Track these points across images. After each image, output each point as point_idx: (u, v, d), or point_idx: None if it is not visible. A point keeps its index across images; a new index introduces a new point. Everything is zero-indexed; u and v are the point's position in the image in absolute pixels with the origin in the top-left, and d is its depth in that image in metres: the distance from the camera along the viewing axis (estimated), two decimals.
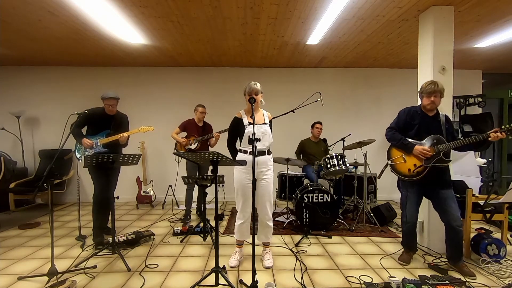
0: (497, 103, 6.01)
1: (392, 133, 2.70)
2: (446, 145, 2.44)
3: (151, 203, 4.92)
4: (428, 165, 2.48)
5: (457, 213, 2.47)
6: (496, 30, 3.56)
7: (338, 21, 3.25)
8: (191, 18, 3.20)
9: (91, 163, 2.67)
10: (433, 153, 2.47)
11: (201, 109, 4.04)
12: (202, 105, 4.10)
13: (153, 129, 3.35)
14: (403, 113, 2.71)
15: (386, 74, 5.42)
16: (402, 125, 2.68)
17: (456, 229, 2.45)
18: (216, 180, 2.25)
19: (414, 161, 2.56)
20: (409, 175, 2.58)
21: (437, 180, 2.53)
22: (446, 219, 2.50)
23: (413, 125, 2.62)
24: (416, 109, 2.67)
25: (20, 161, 5.05)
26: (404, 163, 2.61)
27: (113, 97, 3.18)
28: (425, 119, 2.59)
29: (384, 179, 5.30)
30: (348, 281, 2.40)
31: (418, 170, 2.53)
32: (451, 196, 2.51)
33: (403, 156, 2.62)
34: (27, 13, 3.04)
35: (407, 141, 2.59)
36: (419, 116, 2.62)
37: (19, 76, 5.20)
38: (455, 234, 2.48)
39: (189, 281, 2.38)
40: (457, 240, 2.50)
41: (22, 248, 3.11)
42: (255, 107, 2.44)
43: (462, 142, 2.38)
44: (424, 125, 2.58)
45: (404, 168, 2.61)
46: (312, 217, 3.49)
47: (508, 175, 5.73)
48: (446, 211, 2.49)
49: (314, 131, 4.65)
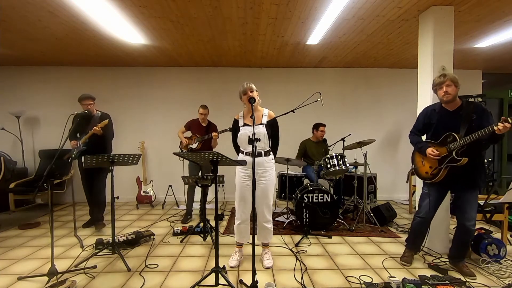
0: (497, 103, 6.02)
1: (411, 138, 2.67)
2: (457, 143, 2.30)
3: (151, 203, 4.92)
4: (442, 166, 2.42)
5: (473, 214, 2.42)
6: (496, 30, 3.56)
7: (338, 21, 3.25)
8: (191, 18, 3.20)
9: (91, 163, 2.68)
10: (445, 153, 2.38)
11: (201, 110, 4.03)
12: (203, 105, 4.07)
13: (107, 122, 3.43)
14: (421, 115, 2.65)
15: (386, 74, 5.42)
16: (421, 127, 2.62)
17: (468, 228, 2.42)
18: (216, 180, 2.25)
19: (430, 164, 2.52)
20: (427, 178, 2.55)
21: (462, 180, 2.41)
22: (460, 218, 2.47)
23: (432, 124, 2.53)
24: (434, 107, 2.56)
25: (20, 161, 5.05)
26: (422, 166, 2.59)
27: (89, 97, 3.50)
28: (443, 116, 2.46)
29: (384, 179, 5.36)
30: (348, 281, 2.40)
31: (434, 173, 2.47)
32: (472, 197, 2.43)
33: (422, 160, 2.59)
34: (27, 13, 3.04)
35: (421, 144, 2.55)
36: (436, 114, 2.50)
37: (19, 76, 5.20)
38: (465, 233, 2.47)
39: (189, 281, 2.38)
40: (466, 240, 2.50)
41: (22, 248, 3.11)
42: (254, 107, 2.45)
43: (471, 138, 2.21)
44: (441, 123, 2.46)
45: (422, 172, 2.59)
46: (312, 217, 3.49)
47: (508, 175, 5.73)
48: (462, 210, 2.44)
49: (318, 133, 4.60)
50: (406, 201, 5.12)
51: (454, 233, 2.56)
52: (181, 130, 4.18)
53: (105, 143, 3.59)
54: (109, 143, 3.68)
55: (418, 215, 2.65)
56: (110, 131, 3.65)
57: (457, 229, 2.53)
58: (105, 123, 3.36)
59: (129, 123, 5.26)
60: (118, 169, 3.50)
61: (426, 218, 2.61)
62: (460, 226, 2.49)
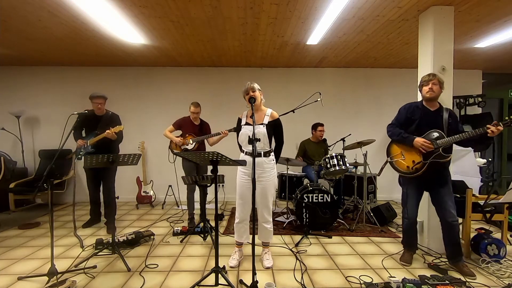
0: (497, 103, 6.02)
1: (392, 129, 2.69)
2: (445, 140, 2.40)
3: (151, 203, 4.92)
4: (427, 161, 2.47)
5: (453, 210, 2.48)
6: (496, 30, 3.56)
7: (338, 21, 3.25)
8: (191, 18, 3.20)
9: (91, 163, 2.66)
10: (432, 148, 2.44)
11: (192, 108, 3.77)
12: (195, 103, 3.79)
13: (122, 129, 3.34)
14: (403, 109, 2.69)
15: (386, 74, 5.42)
16: (403, 121, 2.66)
17: (451, 224, 2.46)
18: (216, 180, 2.25)
19: (413, 158, 2.55)
20: (408, 172, 2.57)
21: (436, 177, 2.53)
22: (441, 215, 2.53)
23: (414, 120, 2.59)
24: (417, 104, 2.65)
25: (20, 161, 5.05)
26: (403, 159, 2.61)
27: (101, 96, 3.42)
28: (426, 114, 2.55)
29: (384, 179, 5.33)
30: (348, 281, 2.40)
31: (417, 167, 2.52)
32: (448, 193, 2.52)
33: (402, 153, 2.62)
34: (27, 13, 3.04)
35: (407, 134, 2.58)
36: (420, 111, 2.59)
37: (19, 76, 5.20)
38: (450, 230, 2.49)
39: (189, 281, 2.38)
40: (454, 237, 2.50)
41: (22, 248, 3.11)
42: (255, 107, 2.45)
43: (462, 137, 2.34)
44: (425, 120, 2.54)
45: (403, 165, 2.61)
46: (312, 217, 3.49)
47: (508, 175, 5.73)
48: (441, 207, 2.51)
49: (317, 133, 4.61)
50: None
51: (442, 234, 2.58)
52: (169, 129, 3.82)
53: (114, 145, 3.50)
54: (117, 146, 3.58)
55: (406, 217, 2.68)
56: (121, 134, 3.51)
57: (442, 228, 2.57)
58: (120, 128, 3.26)
59: (129, 123, 5.23)
60: (118, 169, 3.51)
61: (413, 217, 2.65)
62: (443, 224, 2.54)
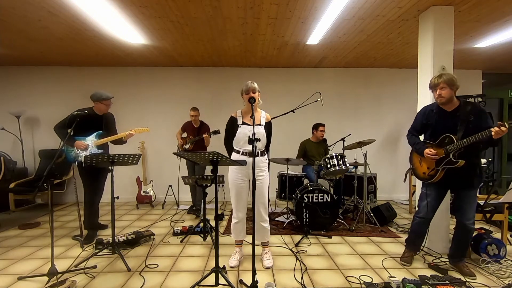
0: (497, 103, 6.02)
1: (409, 138, 2.67)
2: (454, 145, 2.29)
3: (151, 203, 4.92)
4: (439, 168, 2.42)
5: (472, 213, 2.44)
6: (496, 30, 3.56)
7: (338, 21, 3.25)
8: (191, 18, 3.20)
9: (91, 163, 2.66)
10: (442, 155, 2.37)
11: (191, 112, 4.25)
12: (193, 108, 4.28)
13: (148, 130, 3.39)
14: (419, 115, 2.64)
15: (386, 74, 5.42)
16: (420, 127, 2.61)
17: (467, 226, 2.43)
18: (216, 180, 2.25)
19: (427, 165, 2.52)
20: (425, 178, 2.55)
21: (459, 180, 2.43)
22: (460, 217, 2.48)
23: (429, 125, 2.52)
24: (432, 108, 2.54)
25: (20, 161, 5.05)
26: (420, 167, 2.59)
27: (112, 97, 3.34)
28: (441, 117, 2.44)
29: (384, 179, 5.36)
30: (348, 281, 2.40)
31: (431, 174, 2.48)
32: (470, 196, 2.43)
33: (420, 160, 2.59)
34: (27, 13, 3.04)
35: (419, 145, 2.54)
36: (434, 114, 2.49)
37: (19, 76, 5.20)
38: (465, 232, 2.47)
39: (189, 281, 2.38)
40: (465, 239, 2.50)
41: (22, 248, 3.11)
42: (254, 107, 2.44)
43: (469, 141, 2.20)
44: (440, 124, 2.45)
45: (420, 172, 2.59)
46: (312, 217, 3.49)
47: (508, 175, 5.73)
48: (461, 209, 2.45)
49: (318, 133, 4.58)
50: (406, 201, 5.12)
51: (454, 232, 2.57)
52: (179, 132, 4.49)
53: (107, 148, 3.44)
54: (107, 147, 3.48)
55: (418, 216, 2.65)
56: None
57: (456, 228, 2.54)
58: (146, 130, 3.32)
59: (129, 123, 5.25)
60: (118, 169, 3.49)
61: (426, 218, 2.60)
62: (459, 225, 2.50)
